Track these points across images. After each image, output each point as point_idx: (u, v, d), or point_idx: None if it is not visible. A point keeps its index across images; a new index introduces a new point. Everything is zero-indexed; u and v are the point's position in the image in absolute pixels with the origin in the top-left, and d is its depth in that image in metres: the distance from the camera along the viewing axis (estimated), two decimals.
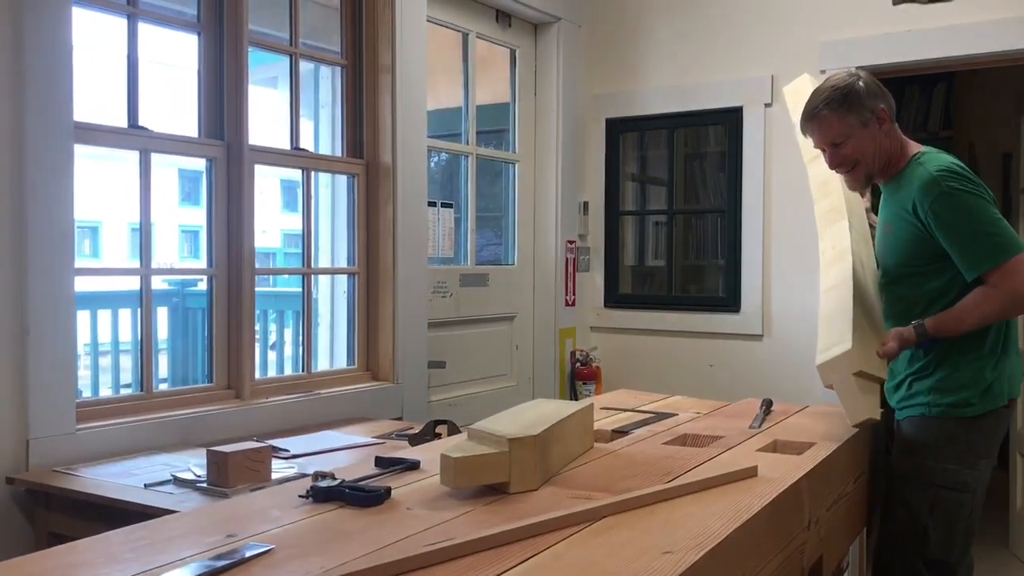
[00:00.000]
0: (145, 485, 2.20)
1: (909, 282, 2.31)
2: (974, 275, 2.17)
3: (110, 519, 1.90)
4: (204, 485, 2.15)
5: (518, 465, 1.62)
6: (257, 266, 3.02)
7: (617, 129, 4.58)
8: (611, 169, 4.61)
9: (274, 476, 2.22)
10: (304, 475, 2.09)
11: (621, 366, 4.52)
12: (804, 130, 2.34)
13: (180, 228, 13.25)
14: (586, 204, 4.59)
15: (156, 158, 2.79)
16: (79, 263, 2.50)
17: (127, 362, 5.45)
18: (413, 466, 1.81)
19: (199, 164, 3.04)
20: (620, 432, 2.23)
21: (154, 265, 2.81)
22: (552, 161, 4.38)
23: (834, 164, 2.31)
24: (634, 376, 4.27)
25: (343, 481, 1.61)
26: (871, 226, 2.57)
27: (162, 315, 4.72)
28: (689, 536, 1.36)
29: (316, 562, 1.25)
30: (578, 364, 4.50)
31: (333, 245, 3.60)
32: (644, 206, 4.82)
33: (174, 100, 3.36)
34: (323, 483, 1.59)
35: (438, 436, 2.61)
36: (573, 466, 1.85)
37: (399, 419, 3.40)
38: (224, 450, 2.13)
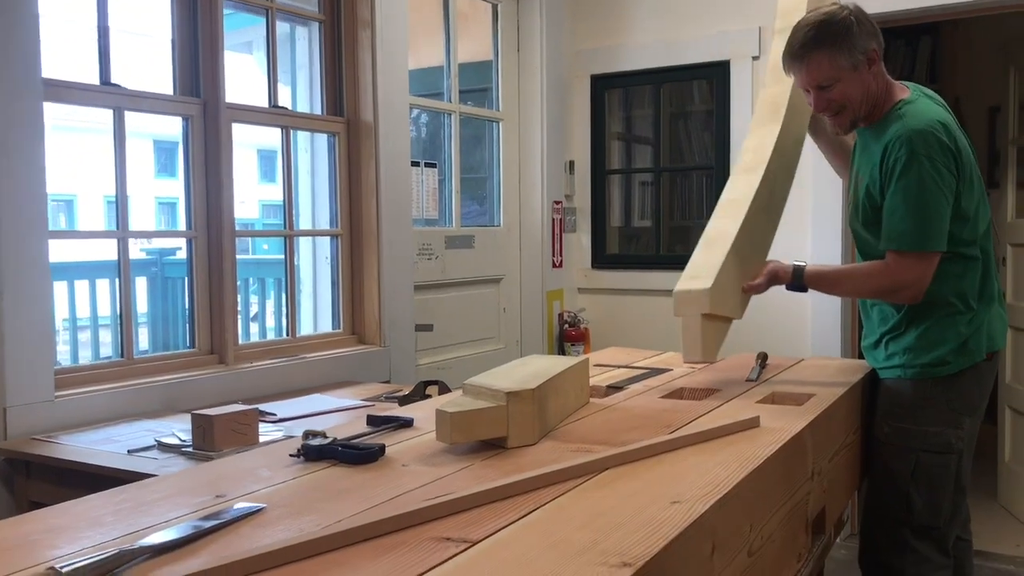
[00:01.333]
0: (128, 451, 2.13)
1: (876, 233, 2.19)
2: (883, 247, 2.10)
3: (92, 486, 1.82)
4: (189, 449, 2.09)
5: (516, 419, 1.57)
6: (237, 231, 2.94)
7: (602, 86, 4.50)
8: (596, 127, 4.54)
9: (261, 440, 2.16)
10: (292, 437, 2.04)
11: (610, 327, 4.47)
12: (787, 68, 2.18)
13: (157, 200, 13.06)
14: (572, 163, 4.52)
15: (131, 128, 2.69)
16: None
17: (107, 336, 5.37)
18: (406, 423, 1.75)
19: (175, 132, 2.94)
20: (615, 388, 2.18)
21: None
22: (537, 119, 4.30)
23: (819, 108, 2.18)
24: (623, 337, 4.23)
25: (335, 439, 1.55)
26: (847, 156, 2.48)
27: (141, 286, 4.62)
28: (696, 486, 1.32)
29: (310, 520, 1.19)
30: (566, 326, 4.45)
31: (314, 208, 3.52)
32: (630, 166, 4.76)
33: (148, 62, 3.25)
34: (314, 441, 1.53)
35: (428, 397, 2.56)
36: (570, 420, 1.80)
37: (387, 382, 3.35)
38: (210, 413, 2.07)
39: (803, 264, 2.19)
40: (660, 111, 4.46)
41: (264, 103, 3.15)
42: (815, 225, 3.94)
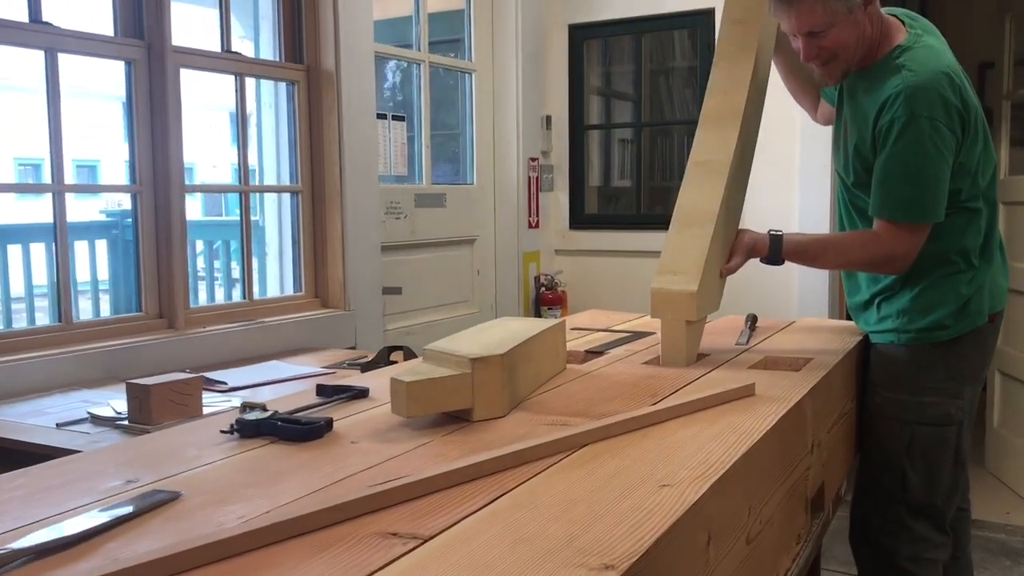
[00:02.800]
0: (57, 424, 1.93)
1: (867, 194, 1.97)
2: (874, 215, 1.89)
3: (14, 464, 1.64)
4: (125, 423, 1.89)
5: (482, 389, 1.38)
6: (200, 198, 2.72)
7: (581, 36, 4.28)
8: (575, 80, 4.33)
9: (207, 411, 1.97)
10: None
11: (588, 290, 4.30)
12: (774, 11, 1.93)
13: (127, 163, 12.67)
14: (549, 118, 4.31)
15: (103, 88, 2.45)
16: None
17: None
18: (361, 394, 1.56)
19: (118, 89, 2.69)
20: (594, 353, 2.00)
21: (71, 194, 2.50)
22: (512, 71, 4.08)
23: (808, 57, 1.92)
24: (602, 300, 4.05)
25: (275, 413, 1.36)
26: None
27: (101, 249, 4.35)
28: (688, 465, 1.14)
29: (233, 511, 1.00)
30: (543, 289, 4.27)
31: (279, 164, 3.30)
32: (610, 122, 4.55)
33: (85, 1, 3.00)
34: (251, 415, 1.34)
35: (393, 363, 2.37)
36: (544, 390, 1.62)
37: (352, 348, 3.15)
38: (146, 382, 1.87)
39: (780, 233, 1.96)
40: (641, 66, 4.25)
41: (217, 49, 2.91)
42: (803, 180, 3.76)
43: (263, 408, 1.39)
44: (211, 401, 2.15)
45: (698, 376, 1.71)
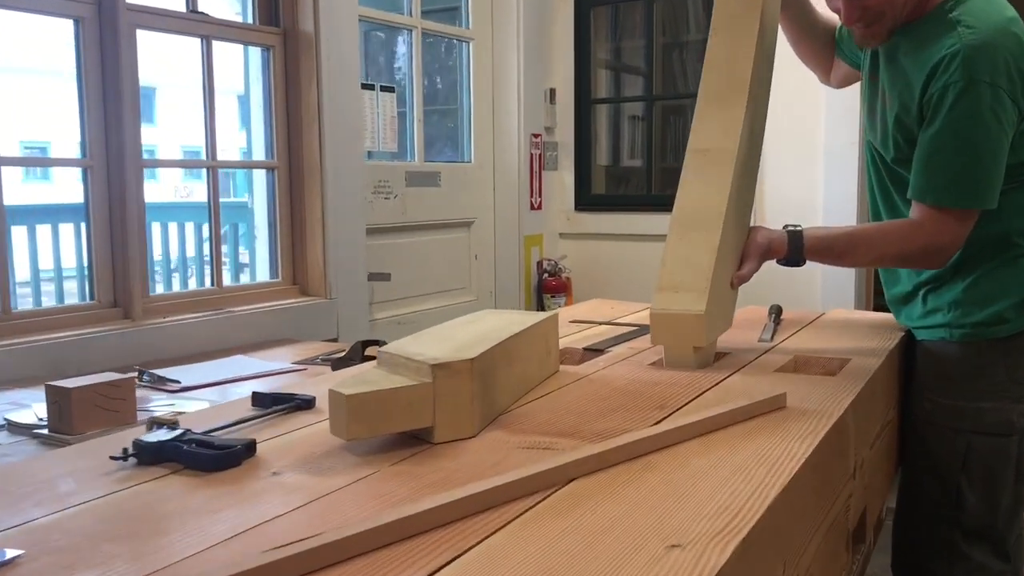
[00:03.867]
0: None
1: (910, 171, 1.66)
2: (915, 198, 1.59)
3: None
4: (44, 432, 1.62)
5: (446, 403, 1.10)
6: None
7: (588, 3, 3.98)
8: (581, 50, 4.02)
9: (151, 415, 1.69)
10: (180, 415, 1.57)
11: (594, 276, 4.01)
12: None
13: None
14: (553, 92, 4.01)
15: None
16: None
17: (51, 287, 4.85)
18: (304, 405, 1.29)
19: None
20: (594, 351, 1.72)
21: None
22: (512, 40, 3.78)
23: (851, 19, 1.62)
24: (609, 287, 3.77)
25: (186, 432, 1.08)
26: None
27: (68, 234, 4.07)
28: (705, 514, 0.86)
29: None
30: (546, 275, 3.99)
31: (250, 136, 3.02)
32: (619, 96, 4.25)
33: None
34: (151, 437, 1.06)
35: (370, 359, 2.10)
36: (530, 398, 1.33)
37: (334, 340, 2.88)
38: (66, 384, 1.60)
39: (799, 229, 1.65)
40: (652, 36, 3.94)
41: (181, 8, 2.63)
42: (828, 159, 3.45)
43: (173, 424, 1.11)
44: (159, 404, 1.89)
45: (715, 382, 1.42)
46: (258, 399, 1.30)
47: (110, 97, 2.37)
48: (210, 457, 1.02)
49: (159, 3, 2.56)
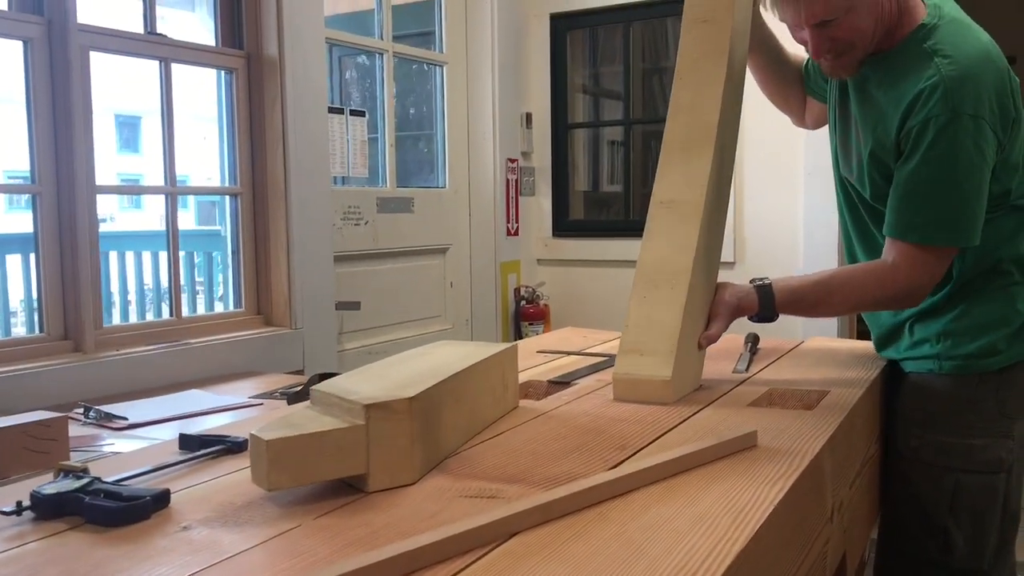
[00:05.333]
0: None
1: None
2: (891, 235, 1.51)
3: None
4: None
5: (381, 447, 1.00)
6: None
7: (563, 26, 3.92)
8: (557, 74, 3.96)
9: (79, 458, 1.59)
10: (112, 455, 1.46)
11: (573, 303, 3.92)
12: (772, 1, 1.52)
13: (119, 176, 12.29)
14: (529, 116, 3.94)
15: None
16: None
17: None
18: (236, 448, 1.19)
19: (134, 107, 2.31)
20: (559, 384, 1.62)
21: None
22: (487, 64, 3.71)
23: (819, 52, 1.53)
24: (588, 314, 3.68)
25: (95, 480, 0.98)
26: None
27: (14, 264, 3.92)
28: (661, 572, 0.76)
29: None
30: (523, 302, 3.90)
31: (222, 161, 2.92)
32: (598, 119, 4.19)
33: None
34: (52, 486, 0.96)
35: None
36: (482, 438, 1.24)
37: (299, 372, 2.78)
38: None
39: (767, 282, 1.56)
40: (629, 59, 3.88)
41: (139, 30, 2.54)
42: (809, 183, 3.38)
43: (81, 472, 1.01)
44: (103, 443, 1.78)
45: (683, 418, 1.33)
46: (185, 441, 1.20)
47: (61, 121, 2.28)
48: (113, 510, 0.91)
49: (119, 23, 2.48)
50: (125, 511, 0.91)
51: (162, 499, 0.96)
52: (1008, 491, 1.61)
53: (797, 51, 1.75)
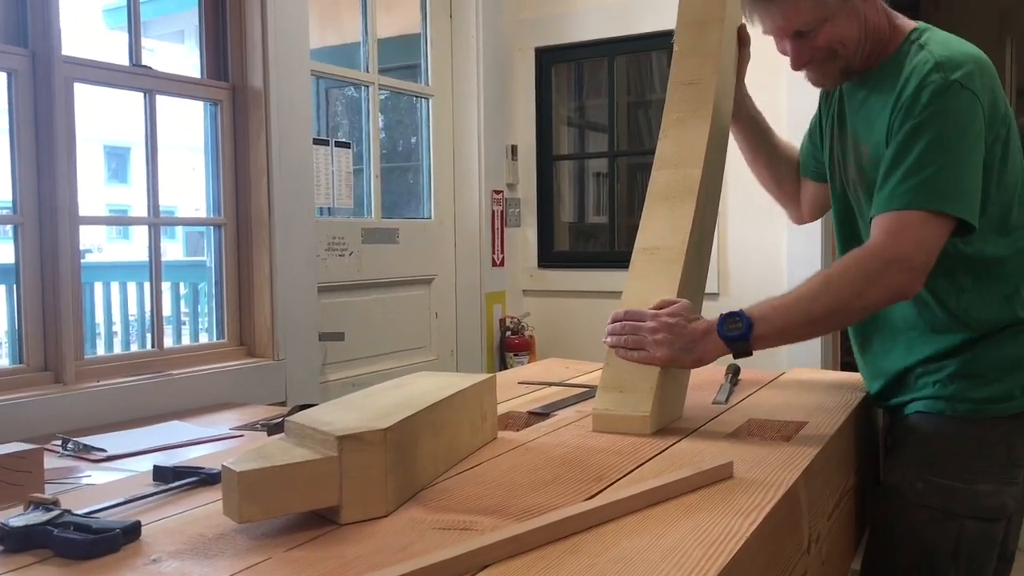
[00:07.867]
0: None
1: None
2: (877, 213, 1.45)
3: None
4: None
5: (354, 479, 1.00)
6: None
7: (548, 60, 3.96)
8: (543, 107, 3.99)
9: (53, 491, 1.57)
10: (87, 487, 1.45)
11: (558, 334, 3.92)
12: (749, 11, 1.54)
13: (108, 207, 12.27)
14: (514, 148, 3.97)
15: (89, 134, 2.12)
16: None
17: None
18: (211, 480, 1.18)
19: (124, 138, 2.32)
20: (539, 415, 1.62)
21: None
22: (472, 96, 3.74)
23: (800, 62, 1.54)
24: (573, 346, 3.68)
25: (64, 512, 0.97)
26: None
27: None
28: None
29: None
30: (509, 332, 3.90)
31: (208, 192, 2.93)
32: (583, 151, 4.22)
33: None
34: (21, 519, 0.95)
35: None
36: (459, 470, 1.23)
37: (282, 403, 2.76)
38: None
39: (737, 315, 1.49)
40: (613, 91, 3.92)
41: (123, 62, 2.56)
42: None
43: (52, 504, 1.00)
44: (78, 476, 1.77)
45: (661, 449, 1.33)
46: (159, 473, 1.19)
47: (44, 152, 2.28)
48: (82, 543, 0.91)
49: (103, 56, 2.49)
50: (94, 543, 0.90)
51: (132, 531, 0.95)
52: (1006, 537, 1.59)
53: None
